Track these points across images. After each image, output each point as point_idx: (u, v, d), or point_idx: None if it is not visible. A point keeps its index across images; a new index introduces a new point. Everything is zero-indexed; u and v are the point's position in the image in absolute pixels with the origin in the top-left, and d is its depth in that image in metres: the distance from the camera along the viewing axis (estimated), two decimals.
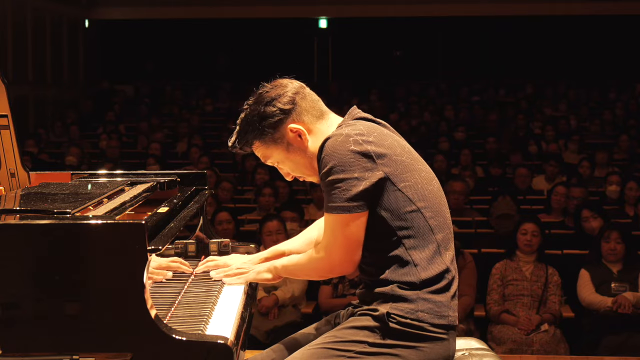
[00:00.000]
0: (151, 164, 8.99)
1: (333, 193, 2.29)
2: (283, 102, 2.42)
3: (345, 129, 2.35)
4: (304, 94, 2.46)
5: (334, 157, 2.29)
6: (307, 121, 2.44)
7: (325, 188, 2.32)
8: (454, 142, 10.66)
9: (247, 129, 2.46)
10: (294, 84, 2.47)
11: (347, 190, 2.27)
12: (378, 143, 2.32)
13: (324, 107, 2.50)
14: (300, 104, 2.43)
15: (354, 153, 2.28)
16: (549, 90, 14.09)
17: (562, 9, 14.61)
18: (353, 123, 2.40)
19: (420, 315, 2.30)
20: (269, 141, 2.45)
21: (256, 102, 2.45)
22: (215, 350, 2.03)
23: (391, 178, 2.30)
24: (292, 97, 2.43)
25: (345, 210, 2.28)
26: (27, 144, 10.46)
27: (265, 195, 7.17)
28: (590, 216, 6.27)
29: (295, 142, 2.44)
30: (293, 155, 2.46)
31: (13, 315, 2.00)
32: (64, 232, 2.02)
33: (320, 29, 16.56)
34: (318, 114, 2.46)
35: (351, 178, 2.27)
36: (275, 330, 5.14)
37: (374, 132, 2.36)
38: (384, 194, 2.30)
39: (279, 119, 2.41)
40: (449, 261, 2.37)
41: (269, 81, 2.50)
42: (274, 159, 2.51)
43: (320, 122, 2.46)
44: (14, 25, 12.50)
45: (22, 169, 3.06)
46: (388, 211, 2.31)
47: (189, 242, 3.11)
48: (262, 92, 2.46)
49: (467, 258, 5.48)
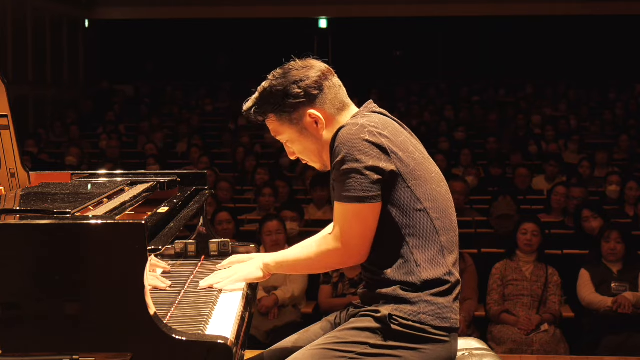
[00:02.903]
0: (151, 164, 8.99)
1: (348, 182, 2.26)
2: (310, 86, 2.37)
3: (361, 120, 2.33)
4: (332, 81, 2.42)
5: (348, 145, 2.27)
6: (328, 110, 2.41)
7: (339, 177, 2.29)
8: (454, 142, 10.66)
9: (267, 100, 2.41)
10: (323, 68, 2.42)
11: (363, 179, 2.25)
12: (392, 139, 2.31)
13: (346, 99, 2.46)
14: (325, 92, 2.40)
15: (369, 143, 2.26)
16: (549, 90, 14.09)
17: (562, 9, 14.61)
18: (369, 115, 2.38)
19: (422, 317, 2.29)
20: (285, 119, 2.41)
21: (283, 76, 2.39)
22: (215, 350, 2.03)
23: (402, 174, 2.29)
24: (320, 83, 2.39)
25: (361, 200, 2.26)
26: (27, 144, 10.46)
27: (265, 195, 7.17)
28: (590, 216, 6.26)
29: (311, 127, 2.41)
30: (305, 139, 2.43)
31: (13, 315, 2.00)
32: (64, 232, 2.02)
33: (320, 29, 16.57)
34: (340, 105, 2.43)
35: (366, 167, 2.25)
36: (275, 330, 5.14)
37: (388, 126, 2.34)
38: (394, 188, 2.29)
39: (302, 102, 2.38)
40: (451, 264, 2.36)
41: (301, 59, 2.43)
42: (284, 137, 2.46)
43: (340, 114, 2.43)
44: (14, 25, 12.50)
45: (22, 169, 3.05)
46: (395, 207, 2.30)
47: (189, 242, 3.11)
48: (291, 68, 2.41)
49: (467, 261, 5.48)
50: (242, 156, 9.85)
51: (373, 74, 15.77)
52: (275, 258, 2.53)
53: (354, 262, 2.39)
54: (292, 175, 8.95)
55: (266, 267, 2.53)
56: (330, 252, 2.35)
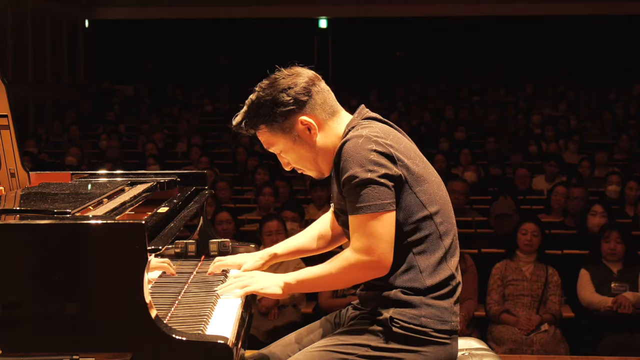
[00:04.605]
0: (151, 164, 8.99)
1: (364, 193, 2.24)
2: (298, 92, 2.36)
3: (363, 131, 2.30)
4: (320, 87, 2.41)
5: (357, 158, 2.25)
6: (319, 116, 2.39)
7: (352, 190, 2.26)
8: (454, 142, 10.66)
9: (256, 112, 2.39)
10: (310, 75, 2.41)
11: (378, 188, 2.23)
12: (396, 146, 2.30)
13: (336, 104, 2.45)
14: (315, 97, 2.38)
15: (377, 153, 2.25)
16: (549, 90, 14.09)
17: (562, 9, 14.60)
18: (368, 124, 2.35)
19: (423, 320, 2.29)
20: (277, 129, 2.39)
21: (270, 86, 2.38)
22: (215, 350, 2.03)
23: (408, 181, 2.29)
24: (308, 89, 2.37)
25: (379, 208, 2.23)
26: (27, 144, 10.46)
27: (265, 195, 7.17)
28: (600, 212, 6.19)
29: (303, 134, 2.39)
30: (299, 147, 2.41)
31: (13, 315, 2.00)
32: (64, 232, 2.02)
33: (320, 29, 16.56)
34: (330, 110, 2.42)
35: (380, 176, 2.24)
36: (275, 330, 5.14)
37: (390, 134, 2.34)
38: (401, 195, 2.29)
39: (292, 109, 2.36)
40: (454, 267, 2.36)
41: (286, 68, 2.42)
42: (277, 147, 2.44)
43: (331, 119, 2.41)
44: (14, 25, 12.50)
45: (22, 169, 3.05)
46: (403, 212, 2.29)
47: (189, 242, 3.12)
48: (277, 77, 2.39)
49: (468, 261, 5.48)
50: (242, 156, 9.85)
51: (373, 74, 15.77)
52: (296, 277, 2.41)
53: (380, 273, 2.31)
54: (292, 175, 8.95)
55: (287, 285, 2.40)
56: (355, 266, 2.28)
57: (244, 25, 15.95)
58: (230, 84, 14.85)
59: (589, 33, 15.65)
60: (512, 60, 16.08)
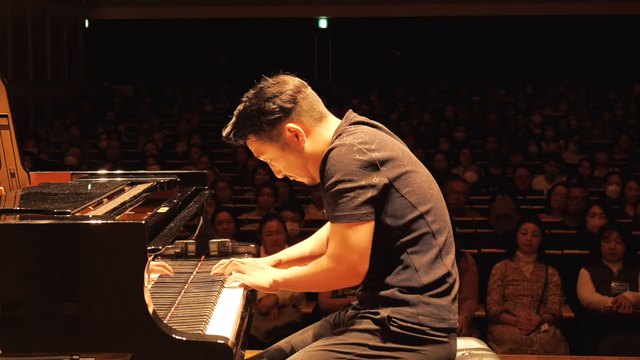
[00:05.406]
0: (151, 164, 8.99)
1: (340, 202, 2.26)
2: (284, 100, 2.38)
3: (348, 138, 2.31)
4: (305, 93, 2.42)
5: (339, 167, 2.26)
6: (306, 122, 2.41)
7: (331, 199, 2.29)
8: (454, 142, 10.66)
9: (244, 122, 2.42)
10: (296, 82, 2.43)
11: (355, 199, 2.24)
12: (381, 149, 2.30)
13: (323, 109, 2.46)
14: (301, 104, 2.40)
15: (359, 162, 2.26)
16: (549, 90, 14.09)
17: (562, 9, 14.61)
18: (354, 131, 2.36)
19: (421, 319, 2.30)
20: (265, 137, 2.42)
21: (256, 96, 2.41)
22: (215, 350, 2.03)
23: (395, 184, 2.29)
24: (294, 96, 2.39)
25: (354, 218, 2.25)
26: (27, 144, 10.46)
27: (265, 195, 7.17)
28: (599, 214, 6.20)
29: (291, 141, 2.41)
30: (288, 154, 2.43)
31: (13, 315, 2.00)
32: (64, 232, 2.02)
33: (320, 29, 16.56)
34: (317, 116, 2.43)
35: (358, 187, 2.25)
36: (275, 330, 5.14)
37: (375, 138, 2.34)
38: (388, 200, 2.29)
39: (278, 117, 2.38)
40: (449, 265, 2.37)
41: (272, 76, 2.46)
42: (267, 156, 2.47)
43: (319, 124, 2.43)
44: (14, 25, 12.50)
45: (22, 169, 3.05)
46: (392, 217, 2.30)
47: (189, 242, 3.12)
48: (263, 87, 2.42)
49: (469, 260, 5.48)
50: (242, 156, 9.85)
51: (373, 74, 15.77)
52: (283, 275, 2.51)
53: (346, 282, 2.38)
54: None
55: (275, 282, 2.50)
56: (325, 272, 2.33)
57: (244, 25, 15.95)
58: (230, 84, 14.85)
59: (589, 33, 15.65)
60: (512, 60, 16.09)
